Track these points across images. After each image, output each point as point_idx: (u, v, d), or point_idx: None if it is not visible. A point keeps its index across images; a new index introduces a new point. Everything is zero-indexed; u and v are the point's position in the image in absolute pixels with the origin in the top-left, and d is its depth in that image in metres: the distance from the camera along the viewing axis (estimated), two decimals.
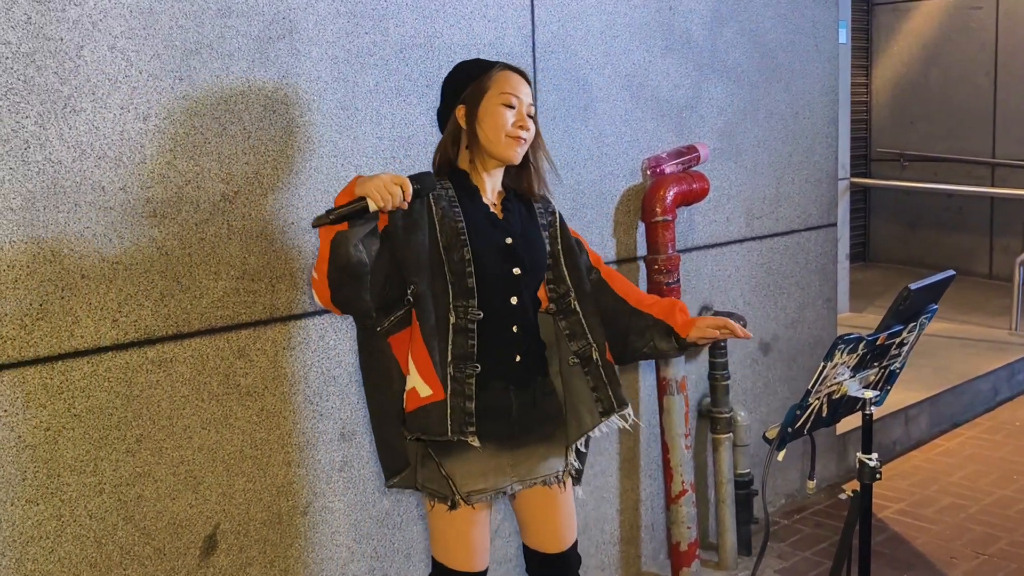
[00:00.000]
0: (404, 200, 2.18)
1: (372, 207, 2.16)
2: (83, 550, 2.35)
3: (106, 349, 2.34)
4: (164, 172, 2.39)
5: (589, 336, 2.48)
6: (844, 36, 6.93)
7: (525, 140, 2.39)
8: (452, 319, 2.34)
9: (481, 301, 2.35)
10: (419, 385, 2.35)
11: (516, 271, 2.40)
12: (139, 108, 2.34)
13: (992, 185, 8.37)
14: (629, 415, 2.51)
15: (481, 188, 2.43)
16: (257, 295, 2.57)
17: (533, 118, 2.43)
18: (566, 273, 2.51)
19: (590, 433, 2.50)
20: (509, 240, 2.40)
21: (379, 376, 2.41)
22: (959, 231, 8.71)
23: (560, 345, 2.52)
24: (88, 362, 2.32)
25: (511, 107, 2.37)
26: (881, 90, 9.16)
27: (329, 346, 2.72)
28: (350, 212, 2.16)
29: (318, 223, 2.16)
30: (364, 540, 2.86)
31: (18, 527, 2.25)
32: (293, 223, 2.62)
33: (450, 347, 2.34)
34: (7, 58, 2.15)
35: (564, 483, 2.53)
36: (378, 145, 2.78)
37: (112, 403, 2.36)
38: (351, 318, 2.74)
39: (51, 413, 2.27)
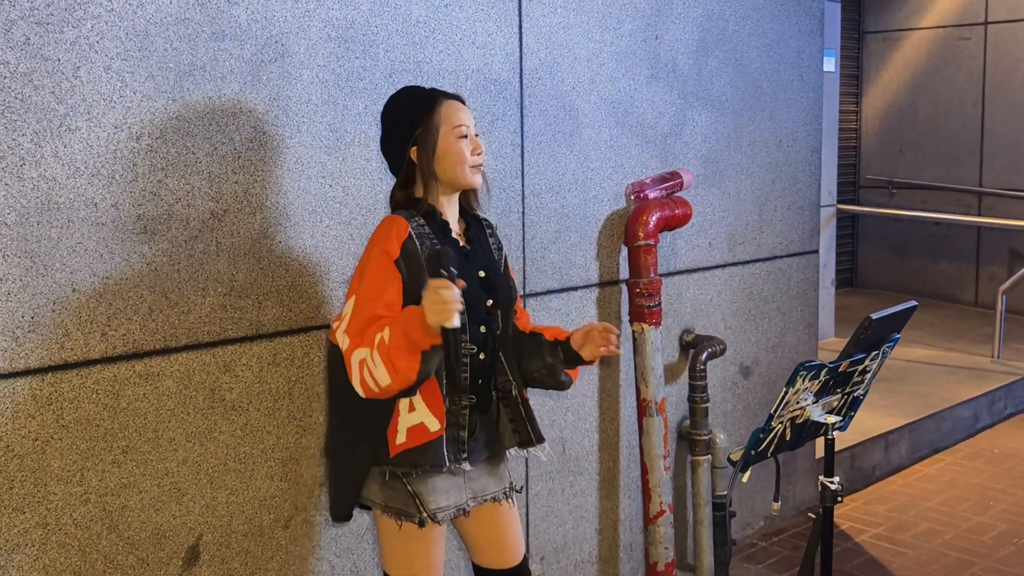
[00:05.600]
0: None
1: (455, 322, 2.15)
2: (68, 558, 2.39)
3: (95, 362, 2.40)
4: (155, 190, 2.46)
5: (508, 373, 2.50)
6: (833, 64, 7.02)
7: (482, 164, 2.45)
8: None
9: (471, 334, 2.39)
10: (428, 420, 2.36)
11: (489, 302, 2.45)
12: (133, 128, 2.41)
13: (979, 214, 8.46)
14: (545, 449, 2.54)
15: (448, 221, 2.44)
16: (244, 311, 2.63)
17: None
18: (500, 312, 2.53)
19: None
20: (483, 273, 2.45)
21: (377, 418, 2.39)
22: (946, 259, 8.79)
23: None
24: (77, 374, 2.37)
25: (464, 137, 2.40)
26: (870, 118, 9.26)
27: (313, 363, 2.77)
28: (455, 348, 2.19)
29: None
30: (344, 555, 2.91)
31: (4, 535, 2.30)
32: (281, 242, 2.68)
33: (445, 381, 2.38)
34: (5, 77, 2.21)
35: (512, 499, 2.58)
36: (366, 167, 2.84)
37: (99, 415, 2.41)
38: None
39: (39, 423, 2.33)
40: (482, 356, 2.44)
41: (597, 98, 3.44)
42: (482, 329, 2.44)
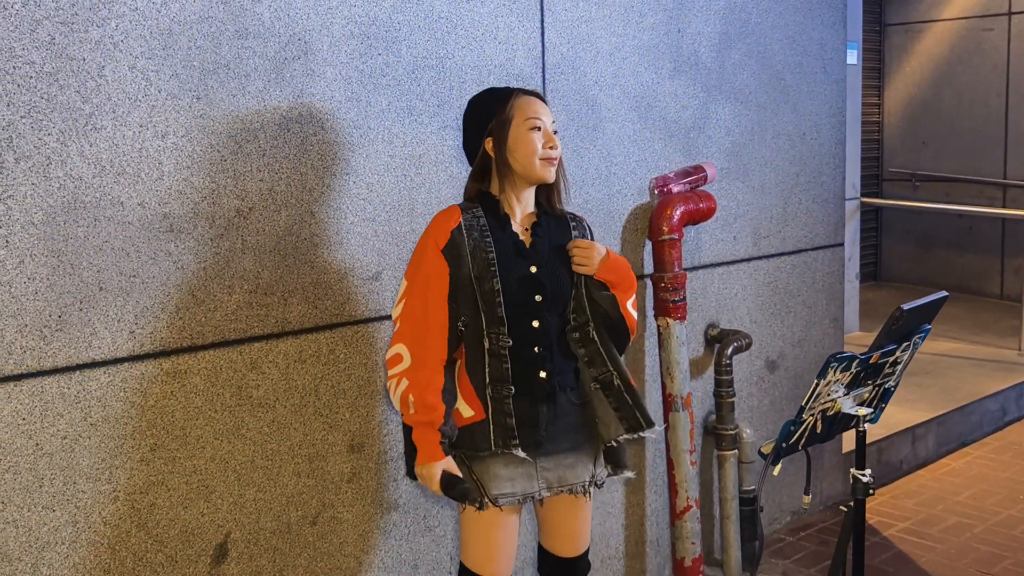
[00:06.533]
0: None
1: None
2: (97, 556, 2.40)
3: (122, 360, 2.41)
4: (181, 188, 2.46)
5: (608, 364, 2.54)
6: (856, 57, 6.97)
7: (555, 159, 2.48)
8: (487, 344, 2.46)
9: (509, 327, 2.45)
10: (462, 407, 2.49)
11: (538, 298, 2.47)
12: (158, 126, 2.41)
13: (1004, 206, 8.39)
14: (656, 431, 2.59)
15: (512, 215, 2.50)
16: (270, 309, 2.63)
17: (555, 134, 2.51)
18: (586, 304, 2.55)
19: (612, 443, 2.57)
20: (533, 269, 2.47)
21: None
22: (971, 251, 8.72)
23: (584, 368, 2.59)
24: (105, 372, 2.38)
25: (538, 129, 2.44)
26: (893, 110, 9.19)
27: (339, 359, 2.77)
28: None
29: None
30: (371, 551, 2.91)
31: (35, 532, 2.31)
32: (306, 239, 2.68)
33: (487, 370, 2.46)
34: (31, 77, 2.22)
35: (589, 492, 2.59)
36: (390, 163, 2.84)
37: (127, 413, 2.42)
38: (363, 334, 2.80)
39: (68, 422, 2.34)
40: (537, 349, 2.47)
41: (620, 92, 3.43)
42: (535, 324, 2.47)
